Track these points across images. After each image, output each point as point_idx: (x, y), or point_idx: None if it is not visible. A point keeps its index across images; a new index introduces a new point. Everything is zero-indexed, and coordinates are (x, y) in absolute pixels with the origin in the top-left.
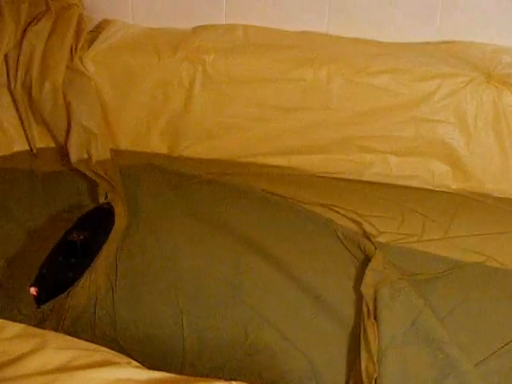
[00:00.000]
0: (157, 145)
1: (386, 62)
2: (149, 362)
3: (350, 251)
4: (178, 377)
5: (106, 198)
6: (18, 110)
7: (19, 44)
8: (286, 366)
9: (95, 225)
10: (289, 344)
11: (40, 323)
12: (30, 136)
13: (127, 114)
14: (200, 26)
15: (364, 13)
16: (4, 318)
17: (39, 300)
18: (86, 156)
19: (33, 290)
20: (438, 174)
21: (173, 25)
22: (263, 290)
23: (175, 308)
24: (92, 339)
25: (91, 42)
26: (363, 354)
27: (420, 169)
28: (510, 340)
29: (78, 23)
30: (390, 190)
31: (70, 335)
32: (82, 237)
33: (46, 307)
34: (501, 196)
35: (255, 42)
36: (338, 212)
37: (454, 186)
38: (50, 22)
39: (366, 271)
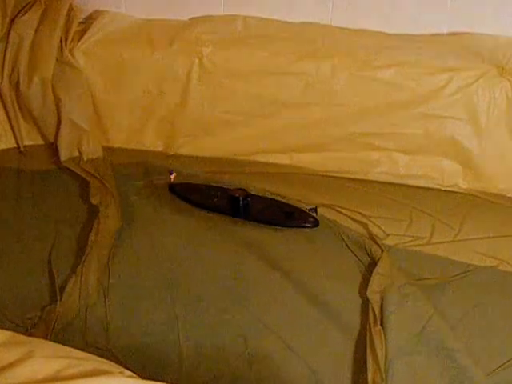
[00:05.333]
0: (151, 142)
1: (393, 54)
2: (143, 371)
3: (355, 254)
4: None
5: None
6: (4, 105)
7: (6, 36)
8: (287, 376)
9: None
10: (291, 353)
11: (28, 331)
12: (17, 133)
13: (120, 109)
14: (197, 17)
15: (370, 3)
16: None
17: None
18: (76, 154)
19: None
20: (448, 174)
21: (168, 15)
22: (264, 295)
23: (171, 315)
24: (83, 347)
25: (82, 33)
26: (369, 364)
27: (429, 168)
28: None
29: (68, 14)
30: (398, 189)
31: (59, 343)
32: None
33: (34, 314)
34: None
35: (255, 34)
36: (342, 213)
37: (465, 185)
38: (38, 12)
39: (373, 275)
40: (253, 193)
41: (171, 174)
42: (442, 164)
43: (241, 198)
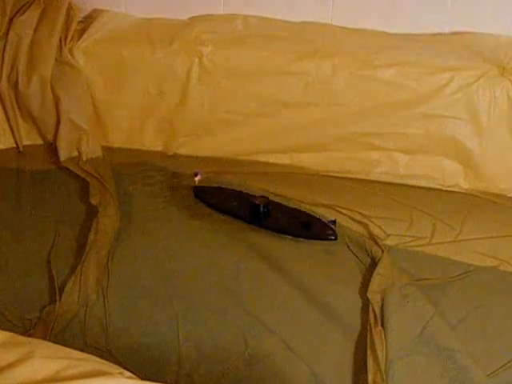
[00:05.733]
0: (151, 142)
1: (394, 54)
2: (142, 372)
3: (355, 255)
4: None
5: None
6: (3, 105)
7: (5, 35)
8: (288, 377)
9: None
10: (291, 353)
11: (27, 331)
12: (16, 133)
13: (120, 109)
14: (197, 16)
15: (370, 2)
16: None
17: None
18: (75, 154)
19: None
20: (449, 173)
21: (168, 15)
22: (264, 295)
23: (170, 315)
24: (82, 348)
25: (81, 32)
26: (370, 364)
27: (429, 168)
28: None
29: (68, 13)
30: (398, 189)
31: (58, 344)
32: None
33: (33, 314)
34: None
35: (255, 33)
36: (342, 213)
37: (466, 185)
38: (37, 11)
39: (373, 276)
40: (275, 200)
41: (196, 175)
42: (442, 164)
43: (261, 206)
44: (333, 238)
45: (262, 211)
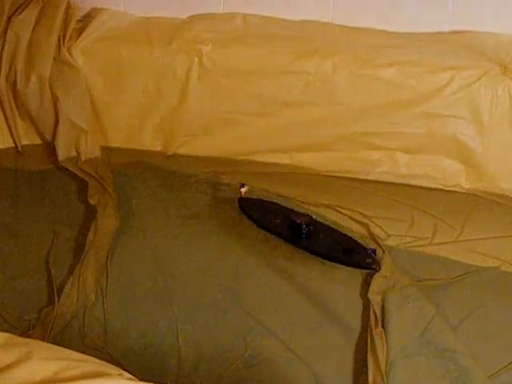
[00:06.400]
0: (150, 142)
1: (395, 53)
2: (142, 373)
3: None
4: None
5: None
6: (1, 104)
7: (3, 34)
8: (288, 378)
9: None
10: (291, 355)
11: (26, 332)
12: (14, 132)
13: (119, 108)
14: (196, 15)
15: (371, 1)
16: None
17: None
18: (74, 154)
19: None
20: (450, 173)
21: (167, 13)
22: (264, 296)
23: (170, 316)
24: (81, 349)
25: (80, 31)
26: (370, 365)
27: (431, 167)
28: None
29: (66, 12)
30: (399, 189)
31: (57, 345)
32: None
33: (31, 315)
34: None
35: (255, 32)
36: (343, 213)
37: (467, 185)
38: (36, 10)
39: (374, 277)
40: (318, 219)
41: (242, 187)
42: (444, 163)
43: (303, 225)
44: (374, 267)
45: (304, 231)
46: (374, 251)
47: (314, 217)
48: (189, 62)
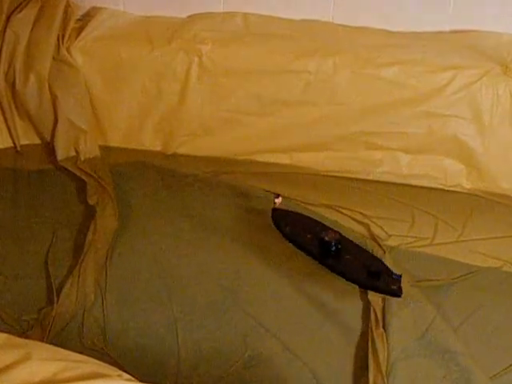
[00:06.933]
0: (150, 141)
1: (396, 52)
2: (141, 374)
3: None
4: None
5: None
6: (0, 104)
7: (2, 33)
8: (288, 379)
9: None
10: (291, 355)
11: (24, 333)
12: (13, 132)
13: (118, 108)
14: (196, 14)
15: (371, 0)
16: None
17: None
18: (73, 153)
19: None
20: (451, 173)
21: (167, 13)
22: (264, 296)
23: (169, 316)
24: (80, 350)
25: (79, 31)
26: (371, 366)
27: (432, 167)
28: None
29: (65, 11)
30: (400, 189)
31: (56, 346)
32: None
33: (30, 316)
34: None
35: (255, 31)
36: (343, 213)
37: (468, 185)
38: (35, 9)
39: None
40: (347, 236)
41: (277, 197)
42: (444, 163)
43: (332, 243)
44: (398, 295)
45: (332, 249)
46: (399, 277)
47: (344, 235)
48: (188, 62)
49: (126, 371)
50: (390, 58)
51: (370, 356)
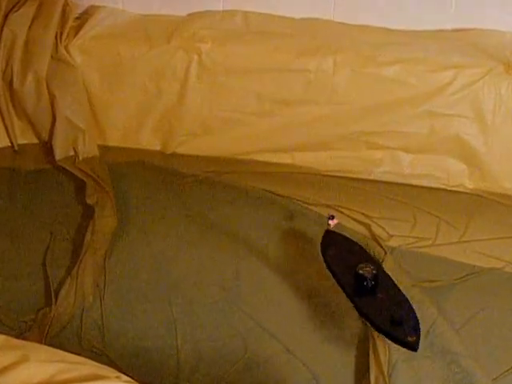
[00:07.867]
0: (149, 141)
1: (397, 51)
2: (140, 376)
3: None
4: None
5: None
6: None
7: None
8: (288, 381)
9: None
10: (292, 357)
11: (22, 334)
12: (11, 131)
13: (117, 107)
14: (196, 13)
15: None
16: None
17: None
18: (72, 153)
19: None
20: (453, 173)
21: (166, 11)
22: (264, 297)
23: (168, 317)
24: (78, 351)
25: (77, 29)
26: (372, 368)
27: (433, 167)
28: None
29: (64, 9)
30: (401, 189)
31: (54, 347)
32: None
33: (28, 317)
34: None
35: (255, 30)
36: (344, 213)
37: (471, 185)
38: (33, 7)
39: None
40: (384, 272)
41: (331, 219)
42: (447, 163)
43: (368, 279)
44: (413, 348)
45: (367, 285)
46: (418, 330)
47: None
48: (188, 60)
49: (124, 373)
50: (391, 56)
51: (372, 357)
